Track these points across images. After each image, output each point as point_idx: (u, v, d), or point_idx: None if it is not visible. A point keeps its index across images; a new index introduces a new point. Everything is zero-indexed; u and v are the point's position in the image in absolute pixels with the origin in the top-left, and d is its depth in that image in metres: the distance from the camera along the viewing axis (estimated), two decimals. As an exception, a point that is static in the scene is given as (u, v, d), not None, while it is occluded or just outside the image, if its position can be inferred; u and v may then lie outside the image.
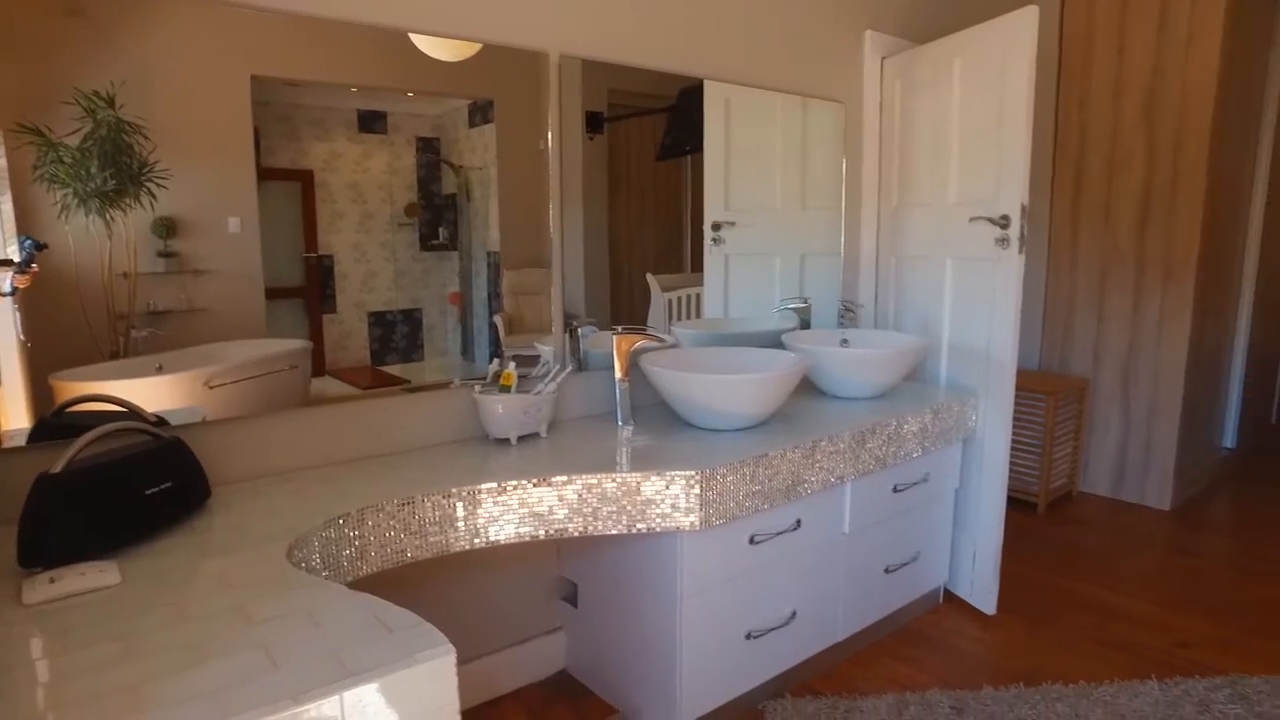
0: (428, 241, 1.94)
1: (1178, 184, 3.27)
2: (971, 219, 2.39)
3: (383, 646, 0.96)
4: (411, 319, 1.93)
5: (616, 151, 2.23)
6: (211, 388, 1.63)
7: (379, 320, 1.89)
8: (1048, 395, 3.32)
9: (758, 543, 1.90)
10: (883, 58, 2.82)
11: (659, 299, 2.40)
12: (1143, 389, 3.45)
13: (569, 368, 2.04)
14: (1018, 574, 2.81)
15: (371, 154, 1.83)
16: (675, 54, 2.26)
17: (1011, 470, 3.49)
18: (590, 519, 1.70)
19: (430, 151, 1.92)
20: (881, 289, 2.88)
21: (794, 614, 2.05)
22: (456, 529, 1.61)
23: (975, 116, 2.44)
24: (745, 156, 2.50)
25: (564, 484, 1.67)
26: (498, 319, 2.07)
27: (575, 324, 2.15)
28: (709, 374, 1.92)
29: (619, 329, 2.09)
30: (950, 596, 2.63)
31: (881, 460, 2.13)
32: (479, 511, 1.62)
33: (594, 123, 2.16)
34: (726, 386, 1.90)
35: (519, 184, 2.04)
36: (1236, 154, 3.57)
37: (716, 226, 2.50)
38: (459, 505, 1.59)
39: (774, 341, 2.60)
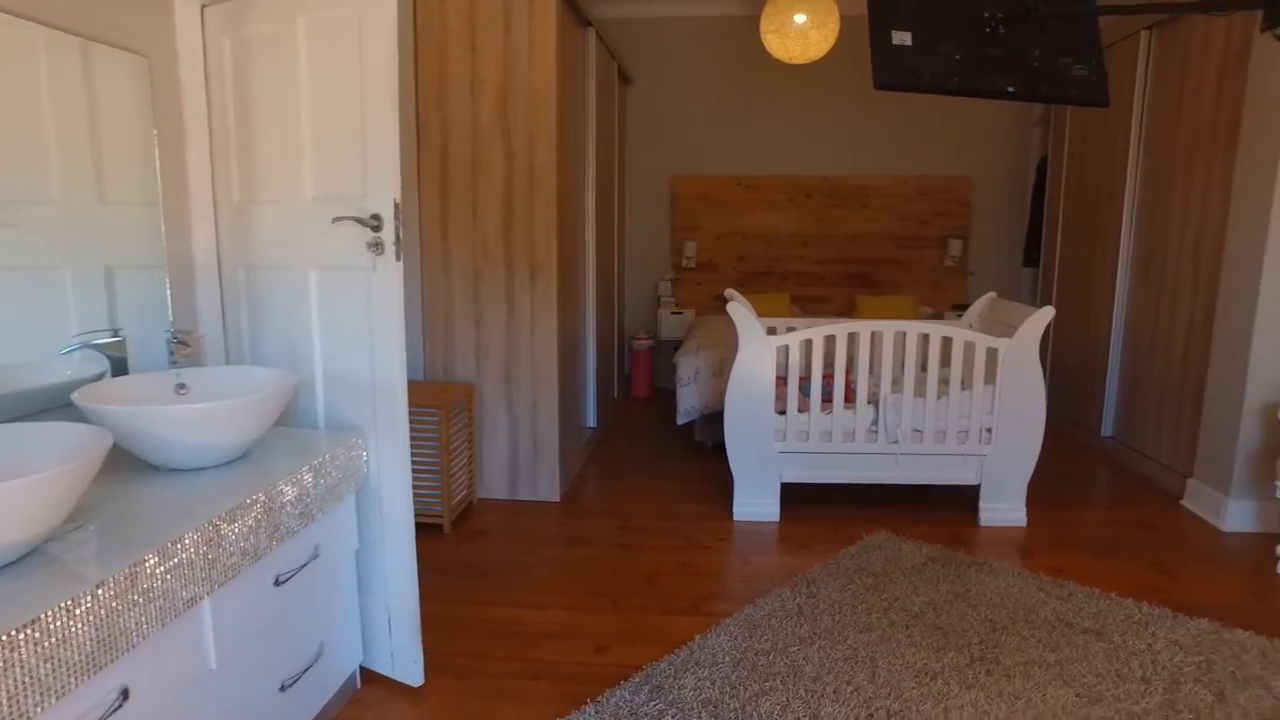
0: None
1: (534, 185, 3.35)
2: (335, 219, 1.94)
3: None
4: None
5: None
6: None
7: None
8: (439, 409, 3.10)
9: (48, 754, 1.15)
10: (202, 4, 2.15)
11: None
12: (523, 387, 3.51)
13: None
14: (438, 616, 2.51)
15: None
16: None
17: (414, 495, 3.20)
18: None
19: None
20: (231, 310, 2.23)
21: (139, 820, 1.34)
22: None
23: (332, 93, 1.97)
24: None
25: None
26: None
27: None
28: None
29: None
30: (371, 676, 2.18)
31: (251, 552, 1.54)
32: None
33: None
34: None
35: None
36: (574, 157, 3.87)
37: (-50, 227, 1.56)
38: None
39: (66, 399, 1.76)
